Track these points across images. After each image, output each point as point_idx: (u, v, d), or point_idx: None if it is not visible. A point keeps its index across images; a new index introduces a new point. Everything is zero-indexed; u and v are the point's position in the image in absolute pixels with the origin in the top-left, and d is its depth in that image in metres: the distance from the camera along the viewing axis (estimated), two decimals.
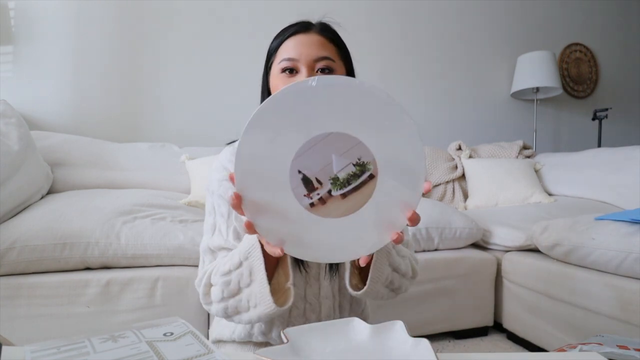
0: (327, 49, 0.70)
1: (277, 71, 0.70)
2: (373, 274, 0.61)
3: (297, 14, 0.77)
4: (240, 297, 0.60)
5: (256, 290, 0.57)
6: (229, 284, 0.60)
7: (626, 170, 1.80)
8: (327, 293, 0.74)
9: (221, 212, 0.71)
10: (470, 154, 2.30)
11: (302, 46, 0.68)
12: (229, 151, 0.76)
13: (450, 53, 2.72)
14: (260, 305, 0.57)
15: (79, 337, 0.37)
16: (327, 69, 0.68)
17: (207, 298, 0.65)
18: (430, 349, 0.43)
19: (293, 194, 0.47)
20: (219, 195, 0.72)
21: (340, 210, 0.48)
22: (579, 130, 3.03)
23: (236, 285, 0.60)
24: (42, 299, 1.09)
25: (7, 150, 1.27)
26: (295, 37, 0.70)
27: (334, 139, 0.46)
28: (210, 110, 2.25)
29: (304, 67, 0.67)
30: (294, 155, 0.46)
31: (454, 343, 1.49)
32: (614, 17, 3.14)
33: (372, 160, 0.47)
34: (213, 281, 0.63)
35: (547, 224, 1.38)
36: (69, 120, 2.02)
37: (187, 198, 1.63)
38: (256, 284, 0.57)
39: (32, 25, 1.96)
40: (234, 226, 0.69)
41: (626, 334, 1.05)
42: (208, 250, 0.70)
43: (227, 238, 0.69)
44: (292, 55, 0.68)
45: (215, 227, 0.71)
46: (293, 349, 0.44)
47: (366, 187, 0.48)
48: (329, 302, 0.74)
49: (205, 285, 0.65)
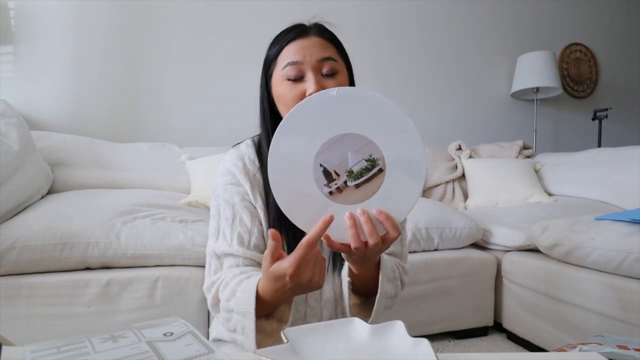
0: (329, 49, 0.71)
1: (280, 78, 0.70)
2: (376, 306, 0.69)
3: (299, 15, 0.77)
4: (235, 337, 0.64)
5: (247, 344, 0.62)
6: (229, 320, 0.64)
7: (626, 170, 1.80)
8: (329, 297, 0.74)
9: (226, 216, 0.72)
10: (470, 154, 2.30)
11: (304, 49, 0.69)
12: (235, 155, 0.76)
13: (450, 53, 2.72)
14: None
15: (79, 337, 0.37)
16: (332, 71, 0.69)
17: (215, 308, 0.68)
18: (430, 349, 0.43)
19: (316, 183, 0.56)
20: (224, 199, 0.72)
21: (354, 198, 0.57)
22: (579, 130, 3.03)
23: (233, 327, 0.64)
24: (42, 299, 1.09)
25: (7, 150, 1.27)
26: (296, 42, 0.70)
27: (350, 138, 0.56)
28: (210, 110, 2.25)
29: (310, 70, 0.68)
30: (317, 151, 0.56)
31: (454, 343, 1.49)
32: (614, 17, 3.14)
33: (381, 157, 0.56)
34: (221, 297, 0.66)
35: (547, 224, 1.38)
36: (69, 120, 2.02)
37: (187, 198, 1.63)
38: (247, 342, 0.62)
39: (32, 25, 1.96)
40: (238, 231, 0.70)
41: (626, 334, 1.05)
42: (214, 255, 0.71)
43: (231, 243, 0.70)
44: (297, 58, 0.68)
45: (219, 232, 0.72)
46: (293, 349, 0.44)
47: (376, 179, 0.57)
48: (331, 306, 0.75)
49: (213, 297, 0.67)
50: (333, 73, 0.69)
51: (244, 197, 0.72)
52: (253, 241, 0.71)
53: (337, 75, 0.70)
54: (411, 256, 1.44)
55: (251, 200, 0.73)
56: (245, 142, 0.79)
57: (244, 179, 0.73)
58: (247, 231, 0.71)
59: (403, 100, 2.61)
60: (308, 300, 0.74)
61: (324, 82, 0.69)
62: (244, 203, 0.72)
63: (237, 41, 2.28)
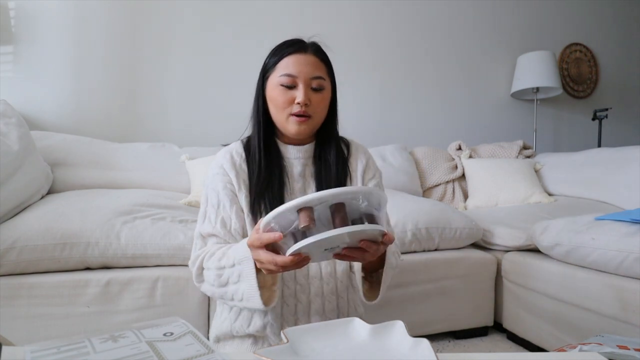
0: (320, 69, 0.82)
1: (275, 83, 0.81)
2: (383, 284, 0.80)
3: (299, 21, 0.79)
4: (227, 289, 0.73)
5: (244, 288, 0.70)
6: (220, 276, 0.73)
7: (626, 170, 1.80)
8: (316, 274, 0.84)
9: (212, 202, 0.83)
10: (470, 154, 2.30)
11: (300, 65, 0.80)
12: (225, 150, 0.88)
13: (450, 53, 2.72)
14: (249, 301, 0.70)
15: (79, 337, 0.37)
16: (320, 87, 0.82)
17: (199, 278, 0.78)
18: (430, 349, 0.43)
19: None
20: (212, 188, 0.83)
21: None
22: (579, 130, 3.03)
23: (226, 279, 0.72)
24: (42, 299, 1.09)
25: (7, 150, 1.27)
26: (294, 55, 0.81)
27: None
28: (211, 110, 2.25)
29: (302, 83, 0.80)
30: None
31: (454, 343, 1.49)
32: (614, 17, 3.14)
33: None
34: (206, 265, 0.76)
35: (547, 224, 1.38)
36: (69, 120, 2.02)
37: (187, 198, 1.63)
38: (244, 284, 0.70)
39: (32, 25, 1.96)
40: (222, 216, 0.81)
41: (626, 334, 1.05)
42: (199, 235, 0.83)
43: (215, 225, 0.81)
44: (292, 72, 0.80)
45: (205, 216, 0.83)
46: (293, 349, 0.44)
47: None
48: (317, 282, 0.83)
49: (198, 267, 0.77)
50: (320, 89, 0.82)
51: (226, 186, 0.82)
52: (233, 225, 0.81)
53: (323, 91, 0.82)
54: (411, 256, 1.44)
55: (234, 189, 0.83)
56: (234, 142, 0.90)
57: (230, 169, 0.84)
58: (228, 216, 0.81)
59: (403, 100, 2.61)
60: (297, 277, 0.83)
61: (311, 94, 0.81)
62: (226, 191, 0.82)
63: (238, 42, 2.28)
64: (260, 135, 0.85)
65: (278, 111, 0.82)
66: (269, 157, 0.84)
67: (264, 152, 0.84)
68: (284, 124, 0.82)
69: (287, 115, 0.81)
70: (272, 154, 0.85)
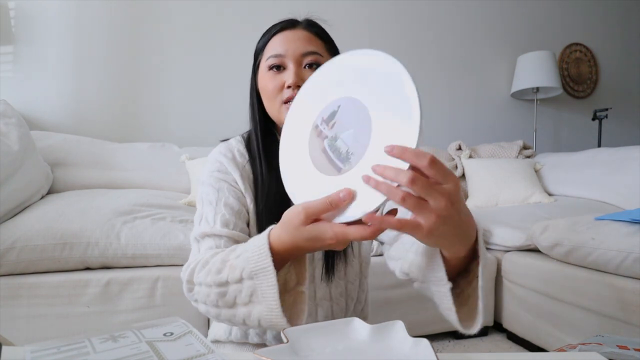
0: (314, 43, 0.70)
1: (264, 69, 0.70)
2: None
3: (300, 15, 0.77)
4: (235, 311, 0.54)
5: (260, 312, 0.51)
6: (224, 295, 0.53)
7: (626, 170, 1.80)
8: (325, 295, 0.73)
9: (209, 200, 0.69)
10: (470, 154, 2.30)
11: (288, 42, 0.68)
12: (224, 146, 0.76)
13: (450, 53, 2.72)
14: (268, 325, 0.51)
15: (79, 337, 0.37)
16: (314, 63, 0.68)
17: (190, 294, 0.60)
18: (430, 349, 0.43)
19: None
20: (209, 184, 0.70)
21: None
22: (579, 130, 3.03)
23: (232, 299, 0.53)
24: (42, 299, 1.09)
25: (7, 150, 1.27)
26: (282, 33, 0.70)
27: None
28: (210, 110, 2.25)
29: (292, 63, 0.67)
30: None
31: (454, 343, 1.49)
32: (614, 17, 3.14)
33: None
34: (197, 280, 0.57)
35: (547, 224, 1.38)
36: (69, 120, 2.02)
37: (187, 198, 1.63)
38: (260, 307, 0.51)
39: (32, 25, 1.96)
40: (222, 213, 0.66)
41: (626, 334, 1.05)
42: (194, 240, 0.67)
43: (213, 225, 0.65)
44: (279, 51, 0.68)
45: (202, 217, 0.68)
46: (293, 349, 0.44)
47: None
48: (327, 304, 0.74)
49: (187, 281, 0.59)
50: (315, 64, 0.67)
51: (231, 184, 0.70)
52: (239, 224, 0.66)
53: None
54: None
55: (240, 189, 0.70)
56: (234, 138, 0.79)
57: (233, 169, 0.71)
58: (232, 214, 0.66)
59: None
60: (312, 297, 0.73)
61: (303, 74, 0.67)
62: (231, 189, 0.70)
63: (238, 42, 2.28)
64: (258, 135, 0.73)
65: (270, 101, 0.69)
66: (271, 162, 0.70)
67: (264, 154, 0.71)
68: (278, 115, 0.69)
69: (279, 104, 0.68)
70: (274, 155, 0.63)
